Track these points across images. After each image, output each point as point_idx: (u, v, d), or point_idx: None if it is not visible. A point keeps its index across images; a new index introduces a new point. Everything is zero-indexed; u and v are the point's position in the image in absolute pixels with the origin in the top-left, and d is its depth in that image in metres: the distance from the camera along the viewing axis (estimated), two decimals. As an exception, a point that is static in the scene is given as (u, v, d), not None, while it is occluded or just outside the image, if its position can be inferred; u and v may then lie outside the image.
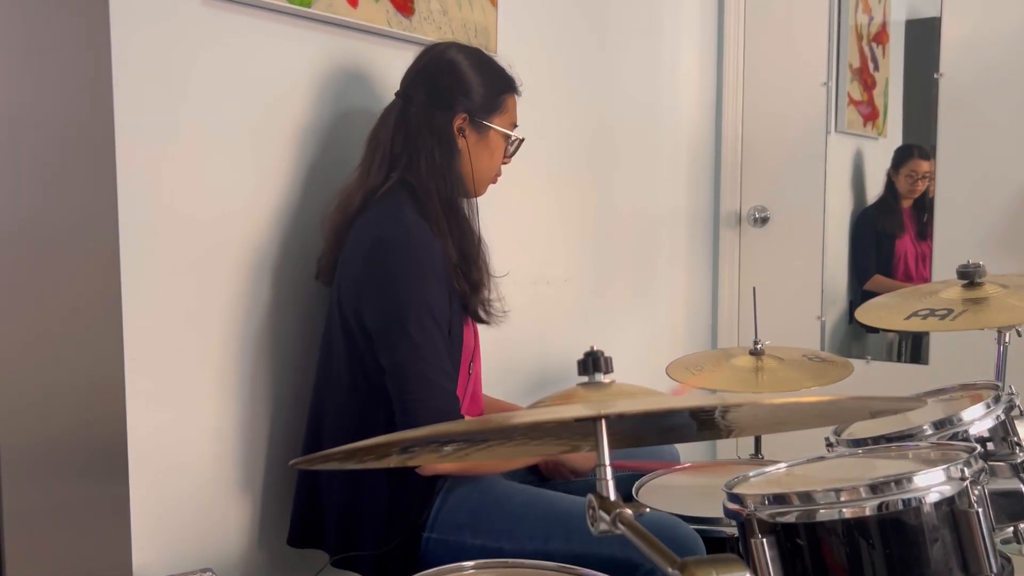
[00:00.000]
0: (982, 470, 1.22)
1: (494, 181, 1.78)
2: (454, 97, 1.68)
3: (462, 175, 1.69)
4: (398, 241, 1.57)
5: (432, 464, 1.51)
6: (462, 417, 1.55)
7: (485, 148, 1.71)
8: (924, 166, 2.85)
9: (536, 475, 1.90)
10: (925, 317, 1.69)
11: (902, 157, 2.97)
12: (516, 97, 1.76)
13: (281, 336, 1.76)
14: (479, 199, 1.78)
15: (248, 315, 1.70)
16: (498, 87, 1.72)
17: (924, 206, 2.87)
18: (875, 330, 3.10)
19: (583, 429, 0.94)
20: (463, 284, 1.63)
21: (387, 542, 1.57)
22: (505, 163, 1.77)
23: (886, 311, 1.81)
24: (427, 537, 1.57)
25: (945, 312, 1.69)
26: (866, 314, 1.84)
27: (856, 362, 2.08)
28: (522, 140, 1.76)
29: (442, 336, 1.56)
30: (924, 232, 2.86)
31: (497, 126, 1.71)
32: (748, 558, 1.18)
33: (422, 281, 1.55)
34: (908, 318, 1.72)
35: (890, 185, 3.00)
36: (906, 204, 2.98)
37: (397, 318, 1.53)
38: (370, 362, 1.58)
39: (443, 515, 1.57)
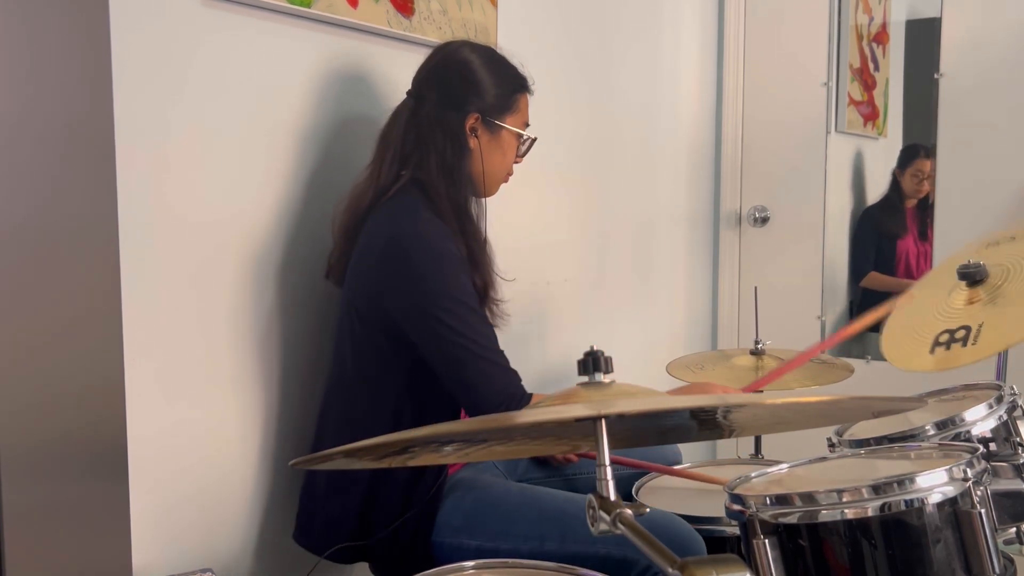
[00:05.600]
0: (985, 471, 1.22)
1: (505, 180, 1.77)
2: (467, 97, 1.67)
3: (472, 175, 1.69)
4: (415, 236, 1.56)
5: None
6: (527, 393, 1.56)
7: (497, 148, 1.70)
8: (929, 165, 2.85)
9: (540, 468, 1.90)
10: (948, 346, 1.61)
11: (908, 156, 2.97)
12: (527, 95, 1.74)
13: (281, 336, 1.76)
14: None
15: (249, 315, 1.70)
16: (511, 86, 1.71)
17: (928, 207, 2.87)
18: (875, 330, 3.09)
19: (583, 429, 0.94)
20: (479, 283, 1.63)
21: (394, 538, 1.57)
22: (517, 162, 1.76)
23: (910, 343, 1.66)
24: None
25: (964, 333, 1.60)
26: (893, 351, 1.69)
27: (856, 362, 2.08)
28: (534, 139, 1.75)
29: (482, 319, 1.57)
30: (927, 233, 2.86)
31: (510, 126, 1.70)
32: (750, 559, 1.18)
33: (448, 269, 1.55)
34: (933, 351, 1.60)
35: (895, 184, 3.00)
36: (910, 204, 2.98)
37: (432, 310, 1.53)
38: (381, 358, 1.58)
39: (441, 517, 1.57)
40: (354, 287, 1.62)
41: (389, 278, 1.56)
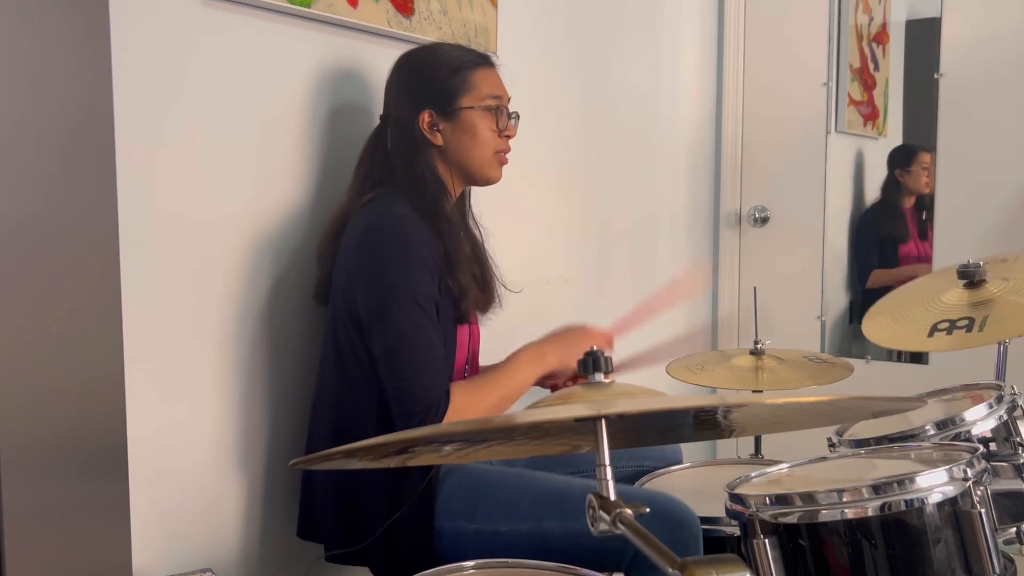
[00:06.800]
0: (985, 471, 1.22)
1: (502, 160, 1.72)
2: (412, 97, 1.67)
3: (455, 167, 1.69)
4: (387, 228, 1.57)
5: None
6: (447, 399, 1.55)
7: (464, 133, 1.67)
8: (930, 158, 2.85)
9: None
10: (950, 332, 1.58)
11: (910, 153, 2.97)
12: (485, 69, 1.70)
13: (280, 335, 1.76)
14: (478, 200, 1.78)
15: (247, 314, 1.70)
16: (454, 67, 1.68)
17: (924, 204, 2.87)
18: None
19: (583, 429, 0.94)
20: (454, 286, 1.62)
21: (390, 535, 1.56)
22: (508, 136, 1.71)
23: (901, 327, 1.68)
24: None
25: (967, 323, 1.59)
26: (878, 333, 1.71)
27: (856, 362, 2.08)
28: (500, 107, 1.69)
29: (431, 321, 1.56)
30: (926, 232, 2.86)
31: (467, 105, 1.67)
32: (750, 558, 1.18)
33: (409, 267, 1.54)
34: (931, 335, 1.60)
35: (894, 185, 2.99)
36: (908, 203, 2.98)
37: (385, 305, 1.53)
38: (363, 356, 1.58)
39: (439, 504, 1.58)
40: (339, 281, 1.63)
41: (360, 268, 1.57)
